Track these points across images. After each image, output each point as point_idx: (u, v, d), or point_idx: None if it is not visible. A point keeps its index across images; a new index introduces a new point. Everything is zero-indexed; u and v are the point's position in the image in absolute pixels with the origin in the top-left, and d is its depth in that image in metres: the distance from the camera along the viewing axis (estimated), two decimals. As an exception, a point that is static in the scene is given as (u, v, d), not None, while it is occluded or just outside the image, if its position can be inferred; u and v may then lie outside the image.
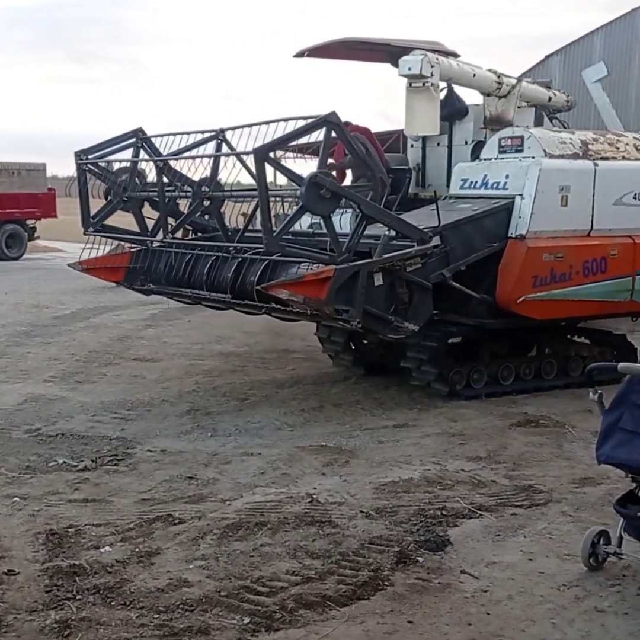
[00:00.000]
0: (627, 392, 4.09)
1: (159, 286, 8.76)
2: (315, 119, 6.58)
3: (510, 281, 7.80)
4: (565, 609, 3.97)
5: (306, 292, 6.55)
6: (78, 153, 8.82)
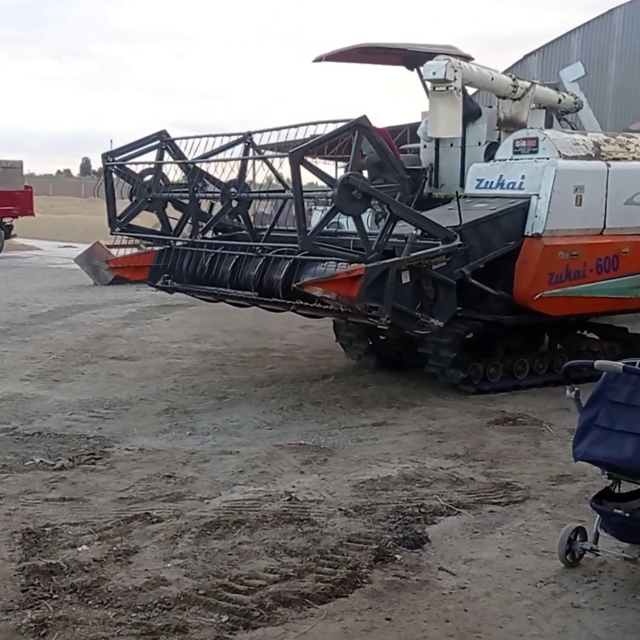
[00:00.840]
0: (604, 389, 4.12)
1: (181, 284, 8.93)
2: (346, 123, 6.83)
3: (527, 278, 8.07)
4: (542, 605, 3.99)
5: (339, 289, 6.78)
6: (105, 155, 9.07)
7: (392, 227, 7.09)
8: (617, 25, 19.66)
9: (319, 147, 7.24)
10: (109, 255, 17.36)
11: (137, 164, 9.18)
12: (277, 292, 7.67)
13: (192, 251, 8.77)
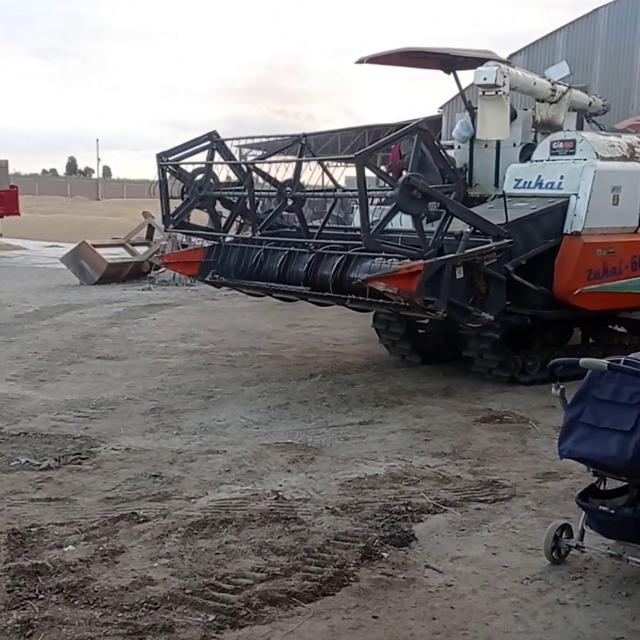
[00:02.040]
0: (589, 387, 4.14)
1: (229, 279, 9.28)
2: (407, 127, 7.23)
3: (567, 274, 8.41)
4: (528, 602, 4.01)
5: (399, 284, 7.09)
6: (159, 155, 9.35)
7: (447, 225, 7.38)
8: (601, 24, 19.75)
9: (381, 149, 7.69)
10: (96, 254, 17.44)
11: (191, 163, 9.55)
12: (328, 286, 8.03)
13: (241, 247, 9.13)
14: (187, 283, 17.33)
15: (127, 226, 23.35)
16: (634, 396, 3.95)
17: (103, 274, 17.30)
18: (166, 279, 17.34)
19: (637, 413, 3.91)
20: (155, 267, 17.82)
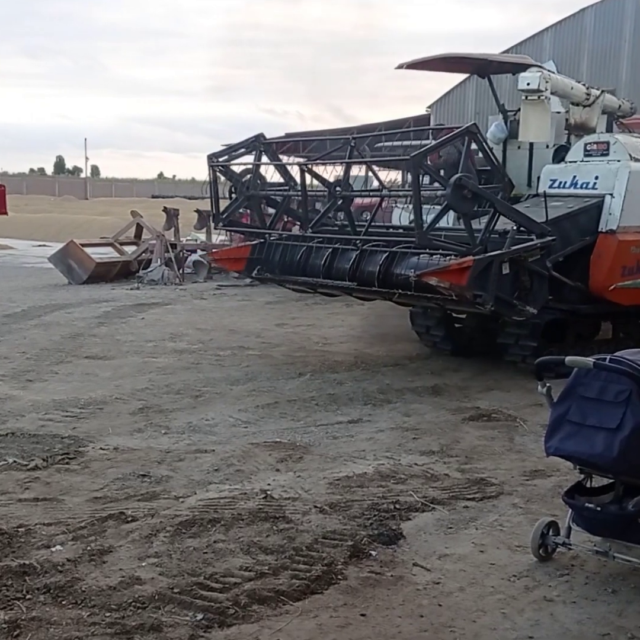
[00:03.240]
0: (575, 385, 4.16)
1: (274, 275, 9.73)
2: (460, 129, 7.62)
3: (603, 271, 8.78)
4: (515, 599, 4.03)
5: (451, 279, 7.43)
6: (210, 156, 9.81)
7: (494, 223, 7.74)
8: (588, 24, 19.83)
9: (435, 151, 8.08)
10: (84, 254, 17.39)
11: (242, 164, 10.03)
12: (373, 282, 8.41)
13: (285, 244, 9.54)
14: (176, 282, 17.34)
15: (116, 225, 23.30)
16: (620, 394, 3.97)
17: (91, 274, 17.26)
18: (155, 278, 17.33)
19: (623, 411, 3.94)
20: (144, 266, 17.82)
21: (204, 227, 19.99)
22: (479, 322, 9.70)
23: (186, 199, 38.15)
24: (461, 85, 22.01)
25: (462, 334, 10.14)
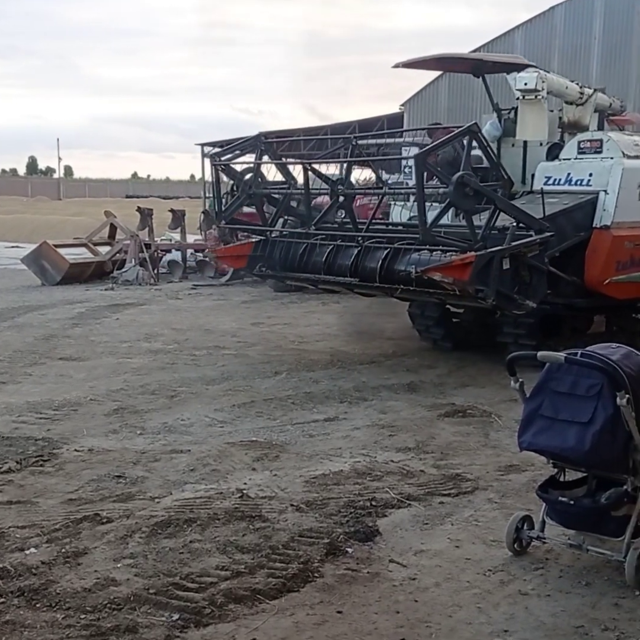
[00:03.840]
0: (547, 379, 4.20)
1: (275, 272, 9.96)
2: (461, 129, 7.82)
3: (598, 265, 8.99)
4: (491, 594, 4.05)
5: (454, 274, 7.63)
6: (212, 155, 10.24)
7: (495, 220, 7.92)
8: (558, 22, 19.96)
9: (437, 150, 8.27)
10: (57, 255, 17.26)
11: (244, 163, 10.24)
12: (375, 278, 8.58)
13: (287, 242, 9.71)
14: (151, 282, 17.26)
15: (89, 226, 23.13)
16: (591, 388, 4.01)
17: (65, 275, 17.14)
18: (129, 278, 17.24)
19: (594, 405, 3.98)
20: (118, 267, 17.72)
21: (178, 227, 19.92)
22: (477, 317, 9.93)
23: (160, 199, 38.01)
24: (433, 83, 22.07)
25: (460, 329, 10.41)
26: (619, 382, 3.90)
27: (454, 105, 21.70)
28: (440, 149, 8.29)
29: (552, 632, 3.70)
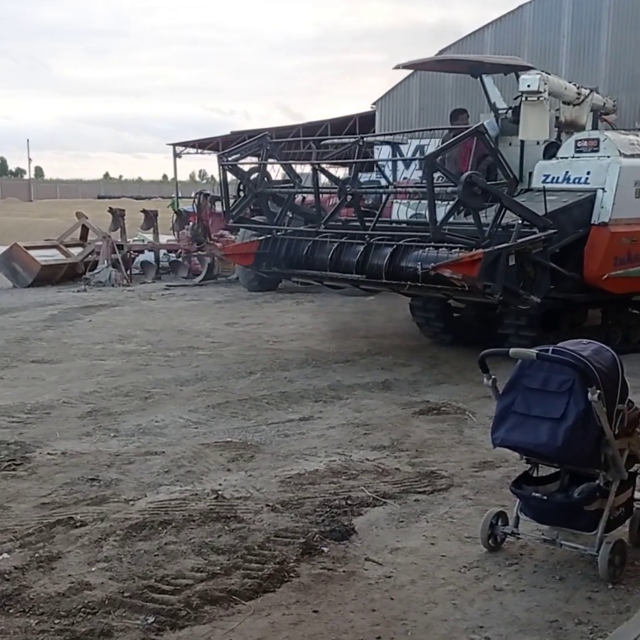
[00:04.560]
0: (519, 376, 4.22)
1: (280, 269, 10.19)
2: (469, 130, 8.23)
3: (596, 261, 9.21)
4: (466, 590, 4.07)
5: (463, 270, 7.88)
6: (220, 156, 10.46)
7: (501, 218, 8.15)
8: (527, 21, 20.10)
9: (447, 151, 8.56)
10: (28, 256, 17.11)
11: (250, 163, 10.61)
12: (381, 274, 8.83)
13: (291, 239, 9.97)
14: (123, 284, 17.16)
15: (61, 227, 22.94)
16: (563, 384, 4.04)
17: (36, 276, 16.99)
18: (102, 279, 17.13)
19: (566, 401, 4.01)
20: (90, 268, 17.59)
21: (151, 227, 19.82)
22: (478, 312, 10.15)
23: (133, 199, 37.78)
24: (405, 81, 22.13)
25: (460, 323, 10.60)
26: (590, 378, 3.93)
27: (426, 104, 21.78)
28: (448, 150, 8.56)
29: (527, 627, 3.72)
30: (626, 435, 4.19)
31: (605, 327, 10.03)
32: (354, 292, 15.05)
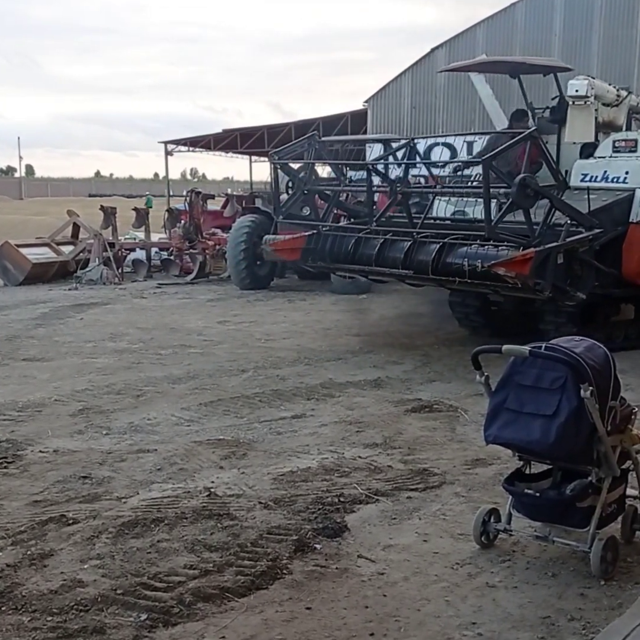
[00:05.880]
0: (512, 373, 4.23)
1: (325, 263, 10.54)
2: (523, 134, 8.57)
3: (634, 258, 9.46)
4: (459, 587, 4.08)
5: (516, 268, 8.20)
6: (272, 154, 10.69)
7: (551, 217, 8.48)
8: (519, 19, 20.11)
9: (502, 154, 8.70)
10: (19, 255, 17.04)
11: (301, 162, 10.90)
12: (427, 270, 9.10)
13: (336, 235, 10.27)
14: (115, 282, 17.12)
15: (52, 225, 22.87)
16: (555, 381, 4.05)
17: (28, 275, 16.94)
18: (93, 278, 17.08)
19: (559, 398, 4.02)
20: (82, 266, 17.55)
21: (142, 226, 19.78)
22: (517, 306, 10.43)
23: (124, 197, 37.69)
24: (397, 80, 22.12)
25: (499, 317, 10.91)
26: (582, 375, 3.94)
27: (417, 102, 21.79)
28: (503, 153, 8.74)
29: (520, 623, 3.73)
30: (618, 432, 4.21)
31: (638, 320, 10.32)
32: (345, 290, 15.14)
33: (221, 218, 20.43)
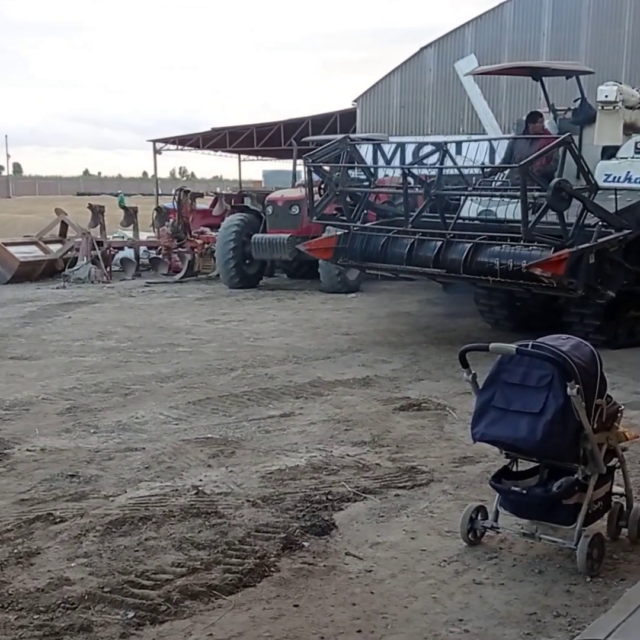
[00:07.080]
0: (499, 371, 4.24)
1: (356, 262, 10.88)
2: (558, 140, 8.93)
3: None
4: (446, 584, 4.09)
5: (551, 269, 8.51)
6: (306, 157, 11.02)
7: (584, 220, 8.72)
8: (507, 18, 20.19)
9: (539, 159, 9.00)
10: (7, 253, 16.98)
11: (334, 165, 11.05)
12: (458, 269, 9.39)
13: (367, 235, 10.53)
14: (103, 280, 17.08)
15: (40, 224, 22.77)
16: (542, 379, 4.07)
17: (15, 273, 16.88)
18: (81, 276, 17.04)
19: (545, 395, 4.04)
20: (70, 265, 17.49)
21: (131, 224, 19.74)
22: (542, 301, 10.67)
23: (113, 196, 37.59)
24: (386, 79, 22.16)
25: (523, 311, 11.14)
26: (569, 373, 3.96)
27: (406, 101, 21.83)
28: (539, 158, 8.96)
29: (506, 620, 3.75)
30: (605, 429, 4.23)
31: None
32: (334, 289, 15.16)
33: (210, 217, 20.38)
